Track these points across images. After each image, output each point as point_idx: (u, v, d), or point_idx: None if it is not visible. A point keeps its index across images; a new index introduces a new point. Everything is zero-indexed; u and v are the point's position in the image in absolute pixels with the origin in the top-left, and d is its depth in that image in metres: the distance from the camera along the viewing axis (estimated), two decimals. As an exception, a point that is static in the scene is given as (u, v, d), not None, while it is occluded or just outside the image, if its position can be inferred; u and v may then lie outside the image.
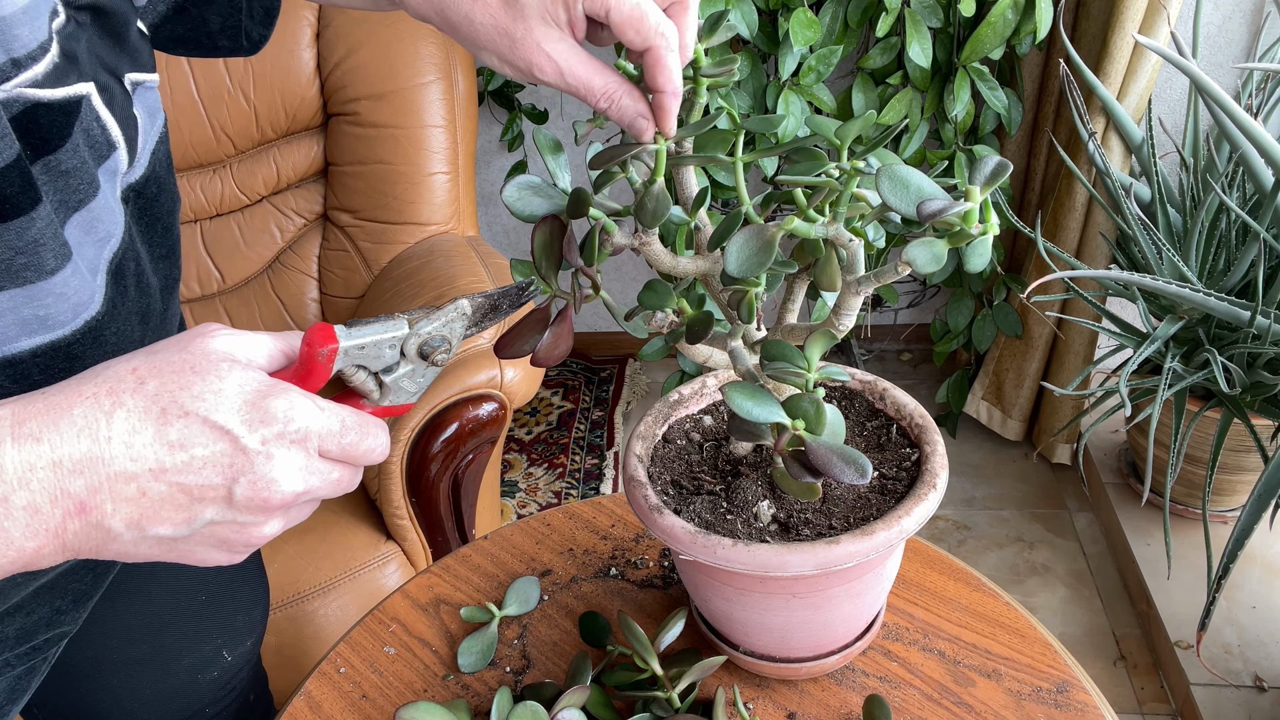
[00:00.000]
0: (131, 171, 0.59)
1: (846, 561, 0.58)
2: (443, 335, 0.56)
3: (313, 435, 0.49)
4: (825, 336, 0.56)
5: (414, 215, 1.60)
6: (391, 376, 0.56)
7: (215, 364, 0.48)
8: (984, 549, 1.86)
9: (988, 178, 0.47)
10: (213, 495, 0.47)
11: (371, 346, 0.54)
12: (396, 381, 0.56)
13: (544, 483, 2.06)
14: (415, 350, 0.56)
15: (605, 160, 0.56)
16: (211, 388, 0.47)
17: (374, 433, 0.53)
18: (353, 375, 0.55)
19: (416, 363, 0.56)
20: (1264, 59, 1.70)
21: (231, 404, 0.47)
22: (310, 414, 0.49)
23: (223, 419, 0.47)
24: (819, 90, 1.64)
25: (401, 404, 0.57)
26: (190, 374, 0.47)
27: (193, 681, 0.91)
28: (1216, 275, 1.55)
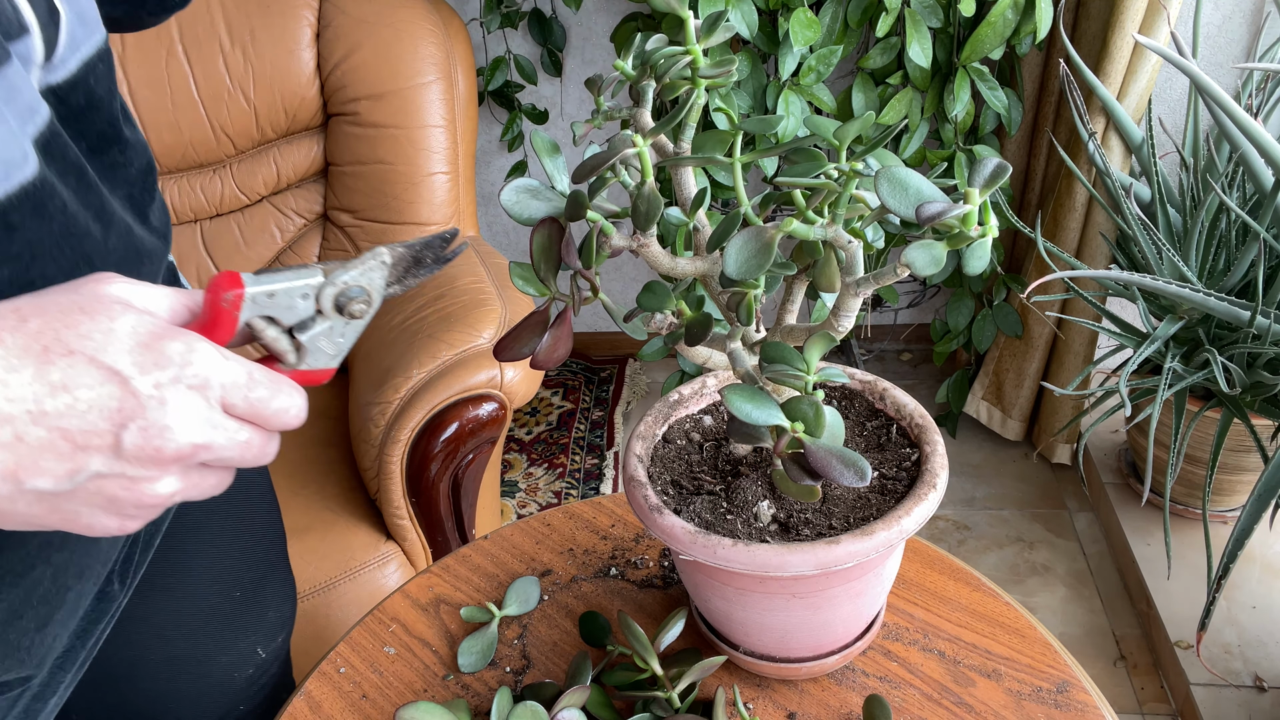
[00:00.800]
0: (52, 70, 0.54)
1: (846, 561, 0.58)
2: (360, 285, 0.52)
3: (214, 383, 0.45)
4: (824, 338, 0.56)
5: (414, 215, 1.60)
6: (307, 334, 0.51)
7: (107, 305, 0.44)
8: (984, 549, 1.86)
9: (987, 180, 0.48)
10: (98, 443, 0.42)
11: (283, 295, 0.50)
12: (313, 341, 0.51)
13: (544, 483, 2.06)
14: (331, 302, 0.51)
15: (588, 171, 0.56)
16: (100, 327, 0.43)
17: (287, 390, 0.48)
18: (264, 330, 0.50)
19: (334, 318, 0.52)
20: (1264, 59, 1.70)
21: (122, 344, 0.43)
22: (212, 359, 0.45)
23: (111, 359, 0.42)
24: (819, 90, 1.64)
25: (321, 368, 0.53)
26: (78, 314, 0.43)
27: (228, 679, 0.89)
28: (1216, 275, 1.55)
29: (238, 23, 1.53)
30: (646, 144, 0.55)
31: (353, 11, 1.54)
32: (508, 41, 2.04)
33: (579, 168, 0.57)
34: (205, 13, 1.52)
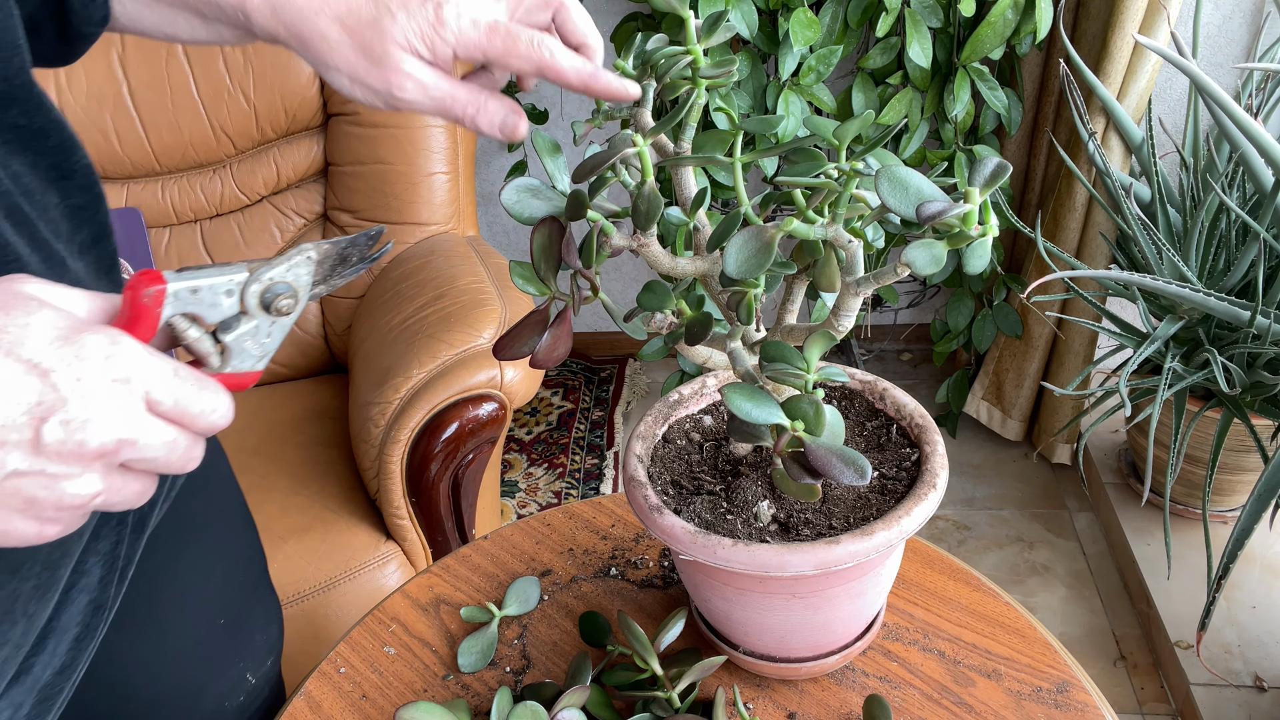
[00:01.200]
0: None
1: (846, 561, 0.58)
2: (287, 282, 0.50)
3: (138, 378, 0.43)
4: (824, 338, 0.56)
5: (414, 215, 1.60)
6: (232, 335, 0.49)
7: (23, 301, 0.42)
8: (984, 549, 1.86)
9: (987, 179, 0.48)
10: (16, 438, 0.41)
11: (206, 291, 0.48)
12: (238, 342, 0.50)
13: (544, 483, 2.06)
14: (257, 300, 0.50)
15: (588, 171, 0.56)
16: (16, 321, 0.41)
17: (212, 389, 0.46)
18: (186, 330, 0.48)
19: (259, 316, 0.50)
20: (1264, 59, 1.70)
21: (41, 338, 0.41)
22: (137, 353, 0.43)
23: (30, 353, 0.41)
24: (819, 90, 1.64)
25: (246, 370, 0.51)
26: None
27: (220, 709, 0.86)
28: (1216, 275, 1.55)
29: (238, 23, 1.53)
30: (647, 143, 0.55)
31: (353, 11, 1.54)
32: (508, 41, 2.04)
33: (579, 167, 0.56)
34: (205, 13, 1.52)
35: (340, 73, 0.55)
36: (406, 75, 0.54)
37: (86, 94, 1.49)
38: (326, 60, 0.55)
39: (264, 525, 1.32)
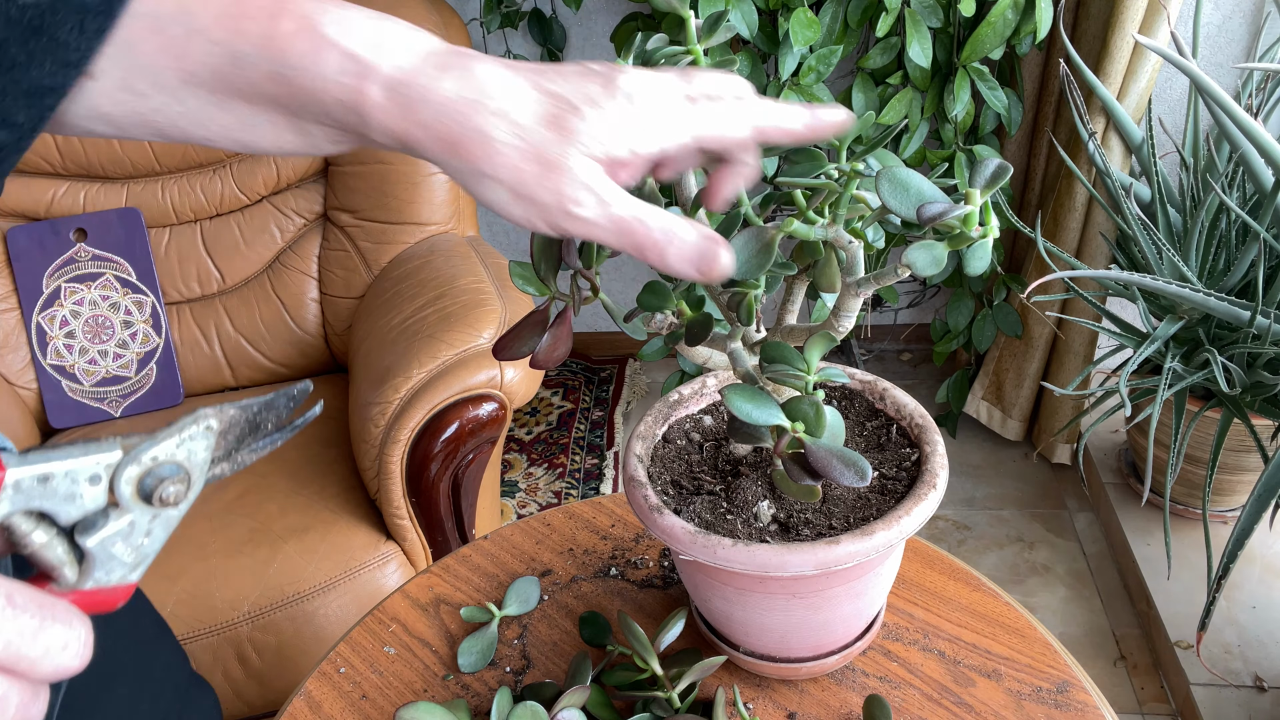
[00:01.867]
0: None
1: (846, 561, 0.58)
2: (176, 463, 0.38)
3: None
4: (825, 339, 0.56)
5: (414, 215, 1.60)
6: (95, 537, 0.37)
7: None
8: (984, 549, 1.86)
9: (988, 180, 0.48)
10: None
11: (61, 480, 0.36)
12: (104, 546, 0.37)
13: (544, 483, 2.06)
14: (134, 488, 0.37)
15: None
16: None
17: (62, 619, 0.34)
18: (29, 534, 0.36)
19: (136, 509, 0.38)
20: (1264, 59, 1.70)
21: None
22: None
23: None
24: (819, 90, 1.64)
25: (115, 584, 0.38)
26: None
27: None
28: (1216, 275, 1.55)
29: (238, 23, 1.53)
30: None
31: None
32: (508, 41, 2.04)
33: None
34: (205, 13, 1.52)
35: (500, 184, 0.42)
36: (585, 188, 0.42)
37: (86, 94, 1.49)
38: (483, 167, 0.42)
39: (264, 525, 1.32)
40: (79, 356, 1.60)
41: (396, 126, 0.42)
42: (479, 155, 0.42)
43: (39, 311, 1.58)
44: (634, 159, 0.44)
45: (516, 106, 0.42)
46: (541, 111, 0.42)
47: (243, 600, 1.26)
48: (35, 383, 1.59)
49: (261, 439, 0.43)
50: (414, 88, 0.41)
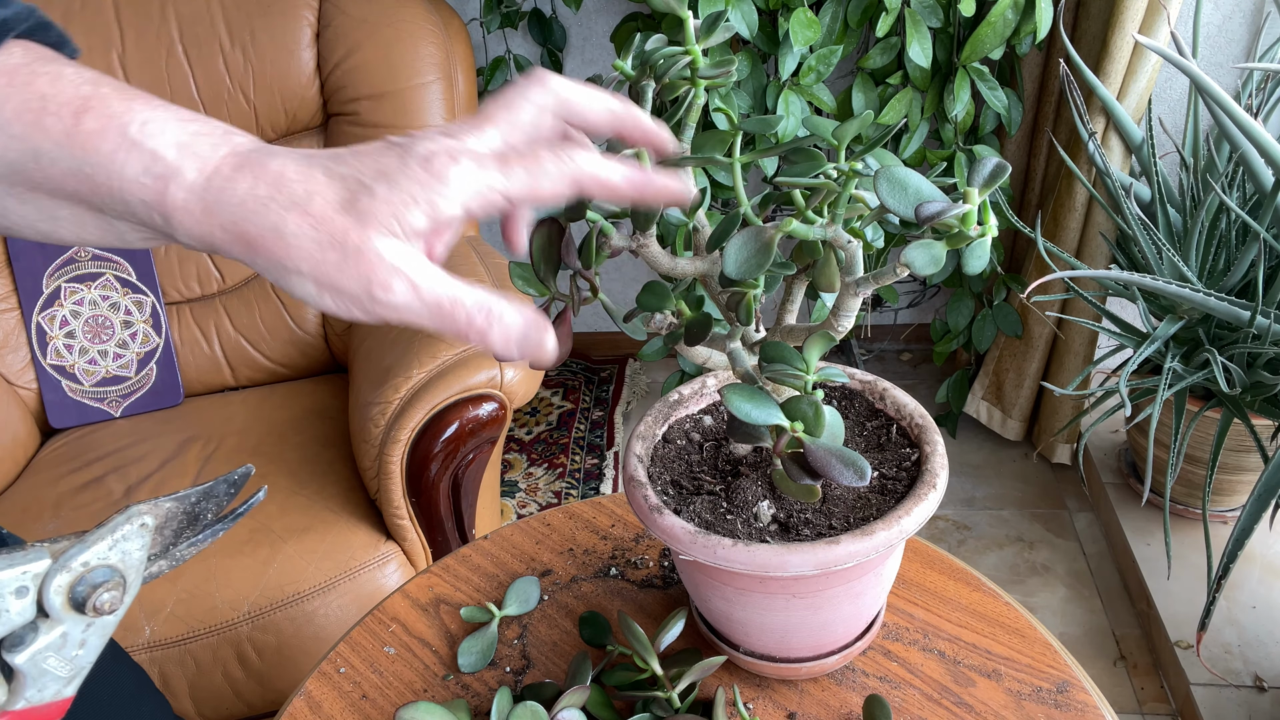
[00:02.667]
0: None
1: (846, 561, 0.58)
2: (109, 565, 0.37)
3: None
4: (824, 338, 0.56)
5: (414, 215, 1.60)
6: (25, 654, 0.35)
7: None
8: (984, 549, 1.86)
9: (986, 179, 0.48)
10: None
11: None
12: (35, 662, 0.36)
13: (544, 483, 2.06)
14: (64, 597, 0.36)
15: None
16: None
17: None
18: None
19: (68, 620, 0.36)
20: (1264, 59, 1.70)
21: None
22: None
23: None
24: (819, 90, 1.64)
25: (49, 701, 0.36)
26: None
27: None
28: (1216, 275, 1.55)
29: (238, 23, 1.53)
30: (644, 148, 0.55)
31: (353, 11, 1.54)
32: (508, 41, 2.04)
33: None
34: (205, 13, 1.52)
35: (304, 277, 0.40)
36: (392, 270, 0.39)
37: (86, 94, 1.49)
38: (285, 262, 0.40)
39: (264, 525, 1.32)
40: (79, 356, 1.60)
41: (199, 229, 0.41)
42: (278, 252, 0.40)
43: (39, 311, 1.58)
44: (439, 224, 0.41)
45: (309, 196, 0.40)
46: (335, 197, 0.40)
47: (243, 600, 1.26)
48: (35, 383, 1.59)
49: (201, 530, 0.41)
50: (212, 190, 0.40)
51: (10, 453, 1.51)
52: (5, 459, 1.50)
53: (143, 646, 1.23)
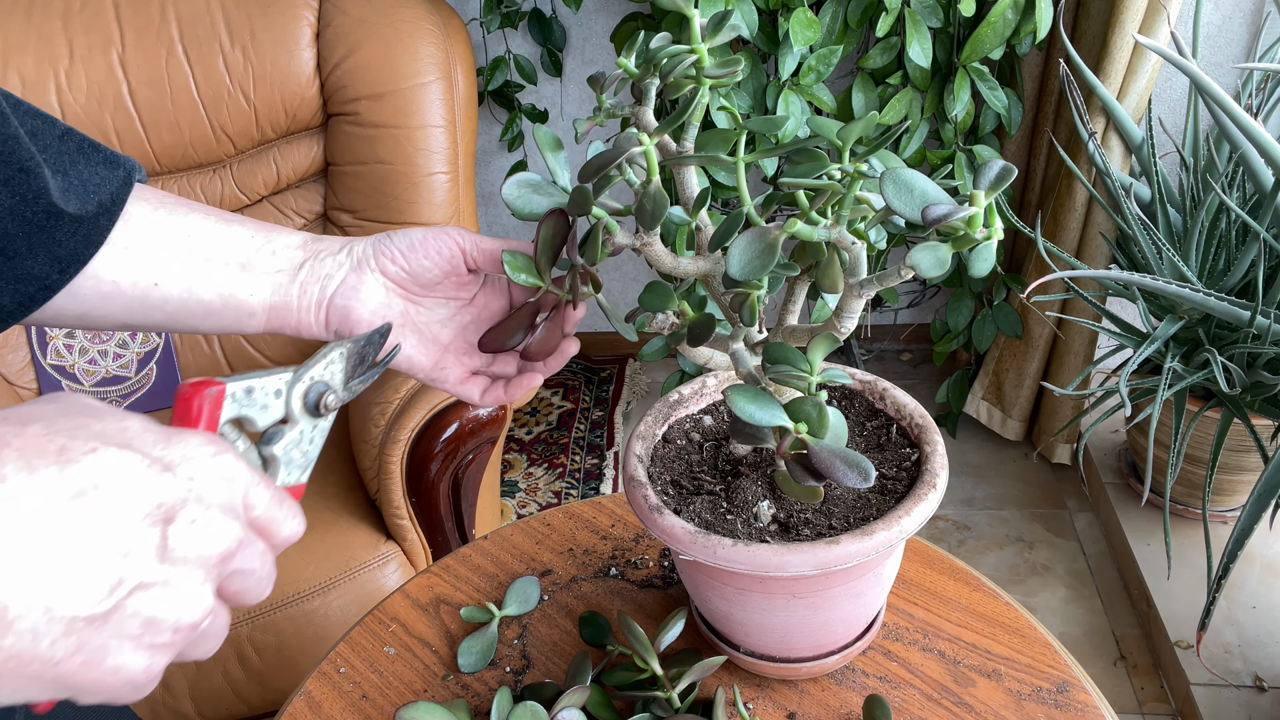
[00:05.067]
0: None
1: (846, 561, 0.58)
2: (325, 381, 0.50)
3: (238, 480, 0.40)
4: (828, 340, 0.56)
5: (414, 215, 1.60)
6: (278, 445, 0.48)
7: (106, 409, 0.39)
8: (984, 549, 1.86)
9: (992, 183, 0.47)
10: (142, 543, 0.36)
11: (259, 391, 0.46)
12: (285, 452, 0.48)
13: (544, 483, 2.06)
14: (301, 401, 0.48)
15: (594, 170, 0.56)
16: (114, 425, 0.38)
17: (289, 501, 0.43)
18: (234, 443, 0.46)
19: (303, 420, 0.48)
20: (1264, 59, 1.70)
21: (146, 438, 0.38)
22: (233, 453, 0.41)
23: (144, 450, 0.38)
24: (819, 90, 1.64)
25: (293, 484, 0.49)
26: (81, 416, 0.38)
27: None
28: (1216, 275, 1.55)
29: (238, 23, 1.53)
30: (652, 142, 0.55)
31: (353, 11, 1.54)
32: (508, 41, 2.04)
33: (586, 166, 0.56)
34: (205, 13, 1.52)
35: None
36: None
37: (86, 94, 1.49)
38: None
39: (264, 525, 1.32)
40: (79, 356, 1.60)
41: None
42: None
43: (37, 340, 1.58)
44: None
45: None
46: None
47: (242, 600, 1.26)
48: (35, 383, 1.59)
49: (365, 371, 0.53)
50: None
51: (10, 452, 1.51)
52: (5, 458, 1.50)
53: (142, 646, 1.23)
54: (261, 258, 0.60)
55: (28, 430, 0.36)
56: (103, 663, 0.36)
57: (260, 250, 0.61)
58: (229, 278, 0.59)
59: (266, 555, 0.42)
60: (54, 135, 0.56)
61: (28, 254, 0.54)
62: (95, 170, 0.56)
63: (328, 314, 0.61)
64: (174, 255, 0.59)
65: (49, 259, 0.55)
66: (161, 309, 0.59)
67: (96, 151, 0.57)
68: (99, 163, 0.57)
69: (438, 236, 0.62)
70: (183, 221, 0.59)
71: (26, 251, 0.54)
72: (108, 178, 0.57)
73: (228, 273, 0.59)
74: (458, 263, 0.62)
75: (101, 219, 0.56)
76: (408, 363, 0.63)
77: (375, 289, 0.61)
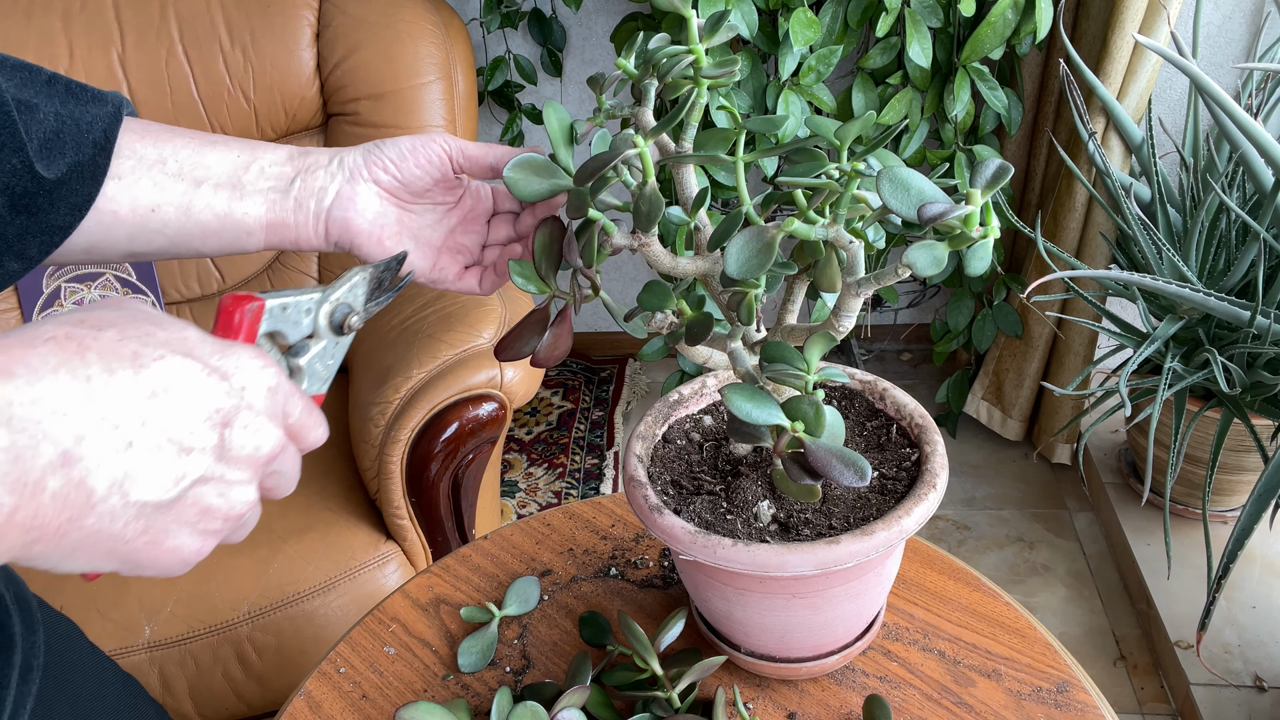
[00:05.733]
0: None
1: (846, 561, 0.58)
2: (347, 303, 0.55)
3: (281, 389, 0.45)
4: (825, 339, 0.56)
5: (414, 215, 1.60)
6: (305, 358, 0.53)
7: (166, 317, 0.44)
8: (984, 549, 1.86)
9: (989, 181, 0.48)
10: (203, 443, 0.42)
11: (292, 308, 0.51)
12: (310, 365, 0.53)
13: (544, 483, 2.06)
14: (328, 320, 0.53)
15: (590, 172, 0.56)
16: (176, 334, 0.43)
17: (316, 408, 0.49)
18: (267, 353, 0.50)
19: (327, 337, 0.54)
20: (1264, 59, 1.70)
21: (204, 348, 0.43)
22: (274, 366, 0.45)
23: (204, 360, 0.42)
24: (819, 90, 1.64)
25: (315, 393, 0.54)
26: (147, 324, 0.43)
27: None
28: (1216, 275, 1.55)
29: (238, 23, 1.53)
30: (648, 144, 0.55)
31: (353, 11, 1.54)
32: (508, 41, 2.04)
33: (581, 168, 0.56)
34: (205, 13, 1.52)
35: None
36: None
37: (86, 94, 1.49)
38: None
39: (264, 525, 1.32)
40: (79, 356, 1.59)
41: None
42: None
43: (39, 311, 1.58)
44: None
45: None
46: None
47: (242, 600, 1.26)
48: (35, 382, 1.59)
49: (381, 295, 0.57)
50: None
51: (10, 452, 1.51)
52: (5, 459, 1.50)
53: (143, 646, 1.23)
54: (251, 176, 0.62)
55: (104, 335, 0.41)
56: (164, 543, 0.42)
57: (249, 169, 0.62)
58: (222, 198, 0.61)
59: (297, 457, 0.47)
60: (41, 81, 0.58)
61: (49, 209, 0.58)
62: (85, 109, 0.59)
63: (327, 226, 0.63)
64: (166, 181, 0.61)
65: (68, 208, 0.58)
66: (162, 233, 0.61)
67: (84, 91, 0.60)
68: (87, 101, 0.59)
69: (426, 144, 0.64)
70: (168, 147, 0.62)
71: (49, 207, 0.57)
72: (98, 115, 0.59)
73: (220, 194, 0.61)
74: (446, 168, 0.65)
75: (99, 158, 0.59)
76: (409, 268, 0.65)
77: (370, 199, 0.63)
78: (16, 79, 0.57)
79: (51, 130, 0.57)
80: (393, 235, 0.64)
